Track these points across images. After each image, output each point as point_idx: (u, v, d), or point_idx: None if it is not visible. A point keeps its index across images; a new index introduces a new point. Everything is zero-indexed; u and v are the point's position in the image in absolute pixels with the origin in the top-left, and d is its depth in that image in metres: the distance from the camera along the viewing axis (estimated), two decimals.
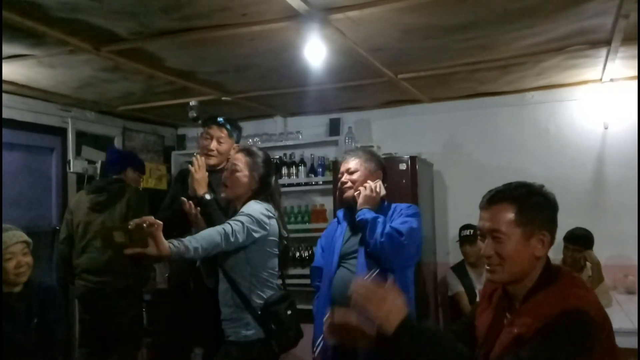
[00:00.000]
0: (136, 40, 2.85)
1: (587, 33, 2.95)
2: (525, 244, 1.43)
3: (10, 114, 3.89)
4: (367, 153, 2.57)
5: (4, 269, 2.43)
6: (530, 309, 1.41)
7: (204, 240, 2.08)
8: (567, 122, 4.22)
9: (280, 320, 2.29)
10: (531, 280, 1.45)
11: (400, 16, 2.59)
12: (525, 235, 1.43)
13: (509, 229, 1.43)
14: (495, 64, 3.46)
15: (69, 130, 4.37)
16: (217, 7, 2.44)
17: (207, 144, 2.81)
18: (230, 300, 2.32)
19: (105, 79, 3.58)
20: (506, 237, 1.43)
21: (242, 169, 2.40)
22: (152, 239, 1.86)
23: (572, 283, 1.45)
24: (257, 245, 2.30)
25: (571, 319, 1.32)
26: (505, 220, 1.44)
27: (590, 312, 1.35)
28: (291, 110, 4.82)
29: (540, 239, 1.44)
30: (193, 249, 2.01)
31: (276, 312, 2.29)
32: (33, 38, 2.77)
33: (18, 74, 3.45)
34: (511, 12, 2.59)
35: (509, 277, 1.46)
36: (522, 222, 1.43)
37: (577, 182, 4.11)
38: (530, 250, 1.44)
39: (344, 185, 2.49)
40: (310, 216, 4.60)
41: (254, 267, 2.31)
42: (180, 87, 3.80)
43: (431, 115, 4.57)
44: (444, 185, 4.55)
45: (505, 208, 1.45)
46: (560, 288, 1.41)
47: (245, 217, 2.24)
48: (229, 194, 2.43)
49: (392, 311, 1.36)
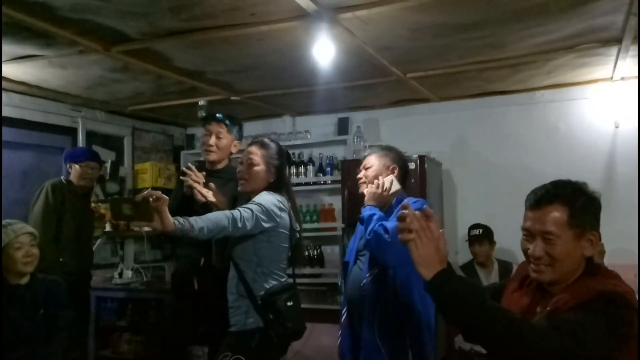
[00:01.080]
0: (145, 40, 2.87)
1: (597, 31, 2.93)
2: (576, 244, 1.42)
3: (21, 114, 3.93)
4: (384, 149, 2.59)
5: (13, 258, 2.52)
6: (569, 290, 1.40)
7: (210, 221, 2.07)
8: (577, 121, 4.19)
9: (278, 311, 2.26)
10: (573, 277, 1.45)
11: (409, 15, 2.59)
12: (576, 236, 1.42)
13: (561, 230, 1.42)
14: (504, 62, 3.44)
15: (79, 130, 4.41)
16: (226, 7, 2.45)
17: (207, 140, 2.82)
18: (234, 288, 2.32)
19: (115, 79, 3.60)
20: (558, 239, 1.42)
21: (259, 162, 2.38)
22: (157, 213, 1.87)
23: (614, 276, 1.45)
24: (266, 236, 2.29)
25: (611, 299, 1.32)
26: (557, 221, 1.42)
27: (630, 298, 1.35)
28: (300, 110, 4.82)
29: (590, 239, 1.44)
30: (198, 228, 2.00)
31: (275, 302, 2.27)
32: (44, 39, 2.79)
33: (29, 75, 3.48)
34: (521, 10, 2.57)
35: (559, 277, 1.45)
36: (574, 223, 1.42)
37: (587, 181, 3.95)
38: (580, 250, 1.43)
39: (359, 181, 2.52)
40: (319, 215, 4.60)
41: (260, 257, 2.30)
42: (189, 86, 3.82)
43: (440, 115, 4.55)
44: (453, 185, 4.53)
45: (556, 209, 1.43)
46: (599, 278, 1.41)
47: (256, 205, 2.23)
48: (246, 187, 2.42)
49: (431, 259, 1.31)
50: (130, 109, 4.50)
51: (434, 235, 1.34)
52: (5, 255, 2.51)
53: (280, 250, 2.37)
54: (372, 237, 2.25)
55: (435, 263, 1.32)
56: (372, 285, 2.32)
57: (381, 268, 2.32)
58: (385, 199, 2.41)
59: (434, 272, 1.30)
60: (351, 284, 2.44)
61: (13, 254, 2.52)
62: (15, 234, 2.54)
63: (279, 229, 2.32)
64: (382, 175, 2.44)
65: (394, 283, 2.30)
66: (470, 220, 4.06)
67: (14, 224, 2.60)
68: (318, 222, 4.59)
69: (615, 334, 1.29)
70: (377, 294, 2.30)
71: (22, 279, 2.57)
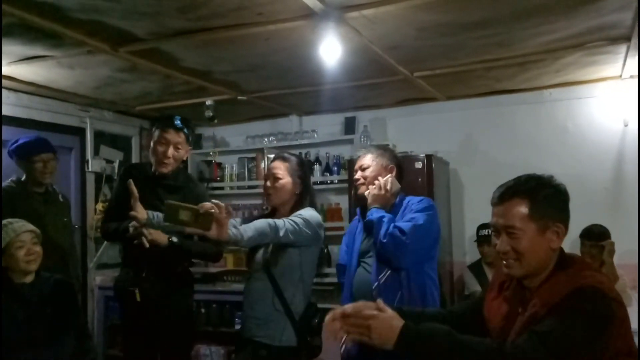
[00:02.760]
0: (153, 41, 2.88)
1: (606, 29, 2.90)
2: (540, 237, 1.44)
3: (29, 114, 3.96)
4: (380, 148, 2.56)
5: (15, 257, 2.49)
6: (544, 290, 1.41)
7: (257, 230, 2.09)
8: (586, 119, 4.16)
9: (314, 332, 2.34)
10: (546, 270, 1.46)
11: (416, 14, 2.58)
12: (540, 229, 1.44)
13: (523, 224, 1.44)
14: (512, 61, 3.42)
15: (88, 130, 4.43)
16: (233, 7, 2.45)
17: (163, 150, 2.58)
18: (270, 303, 2.33)
19: (123, 79, 3.62)
20: (522, 233, 1.44)
21: (284, 176, 2.42)
22: (217, 223, 1.86)
23: (586, 267, 1.47)
24: (310, 251, 2.36)
25: (585, 295, 1.33)
26: (519, 215, 1.44)
27: (605, 290, 1.35)
28: (306, 109, 4.82)
29: (555, 231, 1.45)
30: (247, 237, 2.04)
31: (311, 323, 2.34)
32: (53, 39, 2.81)
33: (38, 75, 3.51)
34: (529, 8, 2.56)
35: (527, 271, 1.46)
36: (536, 216, 1.44)
37: (596, 180, 4.06)
38: (546, 243, 1.44)
39: (357, 182, 2.49)
40: (326, 215, 4.60)
41: (304, 272, 2.37)
42: (196, 86, 3.83)
43: (447, 114, 4.54)
44: (460, 184, 4.51)
45: (517, 203, 1.45)
46: (574, 271, 1.42)
47: (302, 220, 2.28)
48: (275, 202, 2.45)
49: (382, 334, 1.37)
50: (138, 109, 4.52)
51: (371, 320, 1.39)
52: (8, 255, 2.49)
53: (315, 266, 2.47)
54: (389, 240, 2.23)
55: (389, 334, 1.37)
56: (386, 286, 2.28)
57: (393, 269, 2.30)
58: (388, 199, 2.40)
59: (392, 342, 1.36)
60: (359, 288, 2.38)
61: (15, 252, 2.49)
62: (16, 233, 2.51)
63: (318, 245, 2.42)
64: (382, 175, 2.43)
65: (409, 283, 2.28)
66: (477, 219, 4.04)
67: (14, 223, 2.57)
68: (325, 221, 4.57)
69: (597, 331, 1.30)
70: (392, 294, 2.26)
71: (27, 277, 2.55)
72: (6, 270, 2.51)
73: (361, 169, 2.49)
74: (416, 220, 2.27)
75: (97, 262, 4.43)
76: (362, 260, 2.42)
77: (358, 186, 2.49)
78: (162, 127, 2.60)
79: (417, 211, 2.32)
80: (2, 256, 2.49)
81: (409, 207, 2.39)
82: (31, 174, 3.20)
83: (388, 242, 2.23)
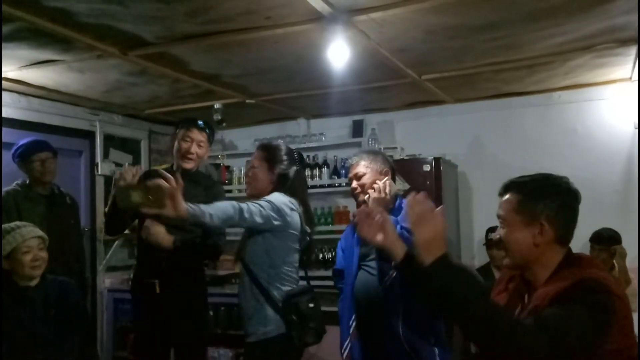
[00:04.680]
0: (162, 45, 2.90)
1: (616, 31, 2.89)
2: (524, 230, 1.47)
3: (40, 118, 4.00)
4: (371, 154, 2.56)
5: (21, 262, 2.50)
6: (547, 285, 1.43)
7: (219, 209, 2.08)
8: (595, 122, 4.14)
9: (301, 313, 2.27)
10: (547, 270, 1.47)
11: (424, 16, 2.58)
12: (524, 222, 1.47)
13: (509, 215, 1.50)
14: (521, 63, 3.41)
15: (97, 134, 4.46)
16: (242, 11, 2.46)
17: (188, 147, 2.74)
18: (250, 294, 2.32)
19: (132, 82, 3.65)
20: (507, 223, 1.51)
21: (259, 165, 2.43)
22: (170, 199, 1.86)
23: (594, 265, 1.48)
24: (276, 236, 2.30)
25: (588, 286, 1.33)
26: (508, 207, 1.51)
27: (609, 283, 1.35)
28: (314, 112, 4.83)
29: (539, 227, 1.46)
30: (208, 214, 2.01)
31: (297, 304, 2.28)
32: (63, 44, 2.84)
33: (48, 79, 3.54)
34: (537, 10, 2.55)
35: (513, 262, 1.52)
36: (522, 210, 1.48)
37: (606, 183, 4.02)
38: (529, 237, 1.47)
39: (355, 191, 2.49)
40: (334, 218, 4.60)
41: (273, 259, 2.30)
42: (204, 90, 3.85)
43: (455, 116, 4.52)
44: (469, 187, 4.50)
45: (510, 196, 1.52)
46: (579, 269, 1.43)
47: (265, 202, 2.25)
48: (252, 191, 2.45)
49: (433, 243, 1.36)
50: (147, 112, 4.55)
51: (436, 219, 1.39)
52: (13, 259, 2.50)
53: (291, 252, 2.37)
54: None
55: (437, 248, 1.35)
56: (392, 290, 2.28)
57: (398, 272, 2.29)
58: (388, 202, 2.40)
59: (434, 256, 1.34)
60: (362, 292, 2.37)
61: (21, 257, 2.49)
62: (23, 238, 2.52)
63: (290, 230, 2.32)
64: (378, 180, 2.42)
65: None
66: (486, 223, 4.02)
67: (22, 228, 2.57)
68: (333, 224, 4.58)
69: (598, 323, 1.30)
70: (399, 297, 2.26)
71: (32, 281, 2.56)
72: (12, 274, 2.52)
73: (356, 177, 2.48)
74: None
75: (107, 265, 4.45)
76: (363, 264, 2.41)
77: (356, 195, 2.49)
78: (186, 127, 2.78)
79: None
80: (8, 260, 2.50)
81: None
82: (31, 174, 3.25)
83: None
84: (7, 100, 3.75)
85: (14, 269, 2.51)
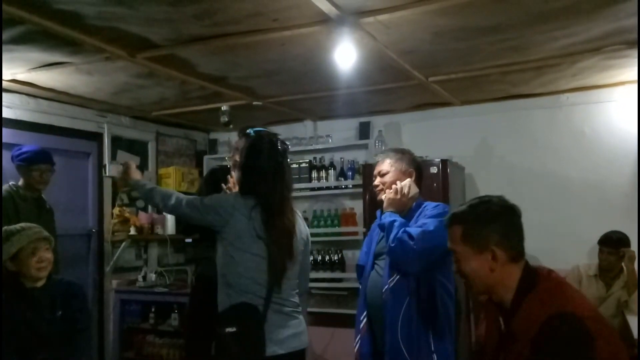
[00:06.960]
0: (170, 47, 2.91)
1: (624, 33, 2.87)
2: (478, 259, 1.48)
3: (48, 120, 4.03)
4: (398, 153, 2.55)
5: (27, 263, 2.52)
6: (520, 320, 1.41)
7: (161, 189, 2.29)
8: (603, 124, 4.11)
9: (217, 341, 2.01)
10: (509, 290, 1.46)
11: (431, 18, 2.58)
12: (474, 251, 1.48)
13: (459, 247, 1.51)
14: (528, 65, 3.40)
15: (105, 135, 4.49)
16: (249, 13, 2.47)
17: None
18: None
19: (140, 85, 3.67)
20: (459, 256, 1.51)
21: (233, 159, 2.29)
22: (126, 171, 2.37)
23: (554, 285, 1.45)
24: (221, 240, 2.07)
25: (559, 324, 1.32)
26: (454, 239, 1.52)
27: (577, 313, 1.34)
28: (321, 114, 4.83)
29: (491, 253, 1.47)
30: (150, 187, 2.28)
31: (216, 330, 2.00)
32: (72, 46, 2.86)
33: (57, 81, 3.56)
34: (545, 12, 2.54)
35: (479, 290, 1.52)
36: (469, 240, 1.49)
37: (615, 185, 4.00)
38: (484, 265, 1.47)
39: (376, 188, 2.50)
40: (340, 220, 4.60)
41: (220, 265, 2.08)
42: (212, 92, 3.86)
43: (462, 118, 4.51)
44: (476, 189, 4.47)
45: (455, 228, 1.53)
46: (544, 294, 1.42)
47: (204, 197, 2.13)
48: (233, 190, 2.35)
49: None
50: (155, 114, 4.57)
51: None
52: (19, 260, 2.51)
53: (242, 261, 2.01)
54: (397, 244, 2.23)
55: None
56: (395, 291, 2.29)
57: (402, 274, 2.29)
58: (405, 204, 2.39)
59: None
60: (371, 290, 2.40)
61: (26, 259, 2.50)
62: (29, 239, 2.52)
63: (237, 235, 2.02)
64: (400, 180, 2.42)
65: (417, 288, 2.27)
66: None
67: (27, 229, 2.57)
68: (339, 226, 4.59)
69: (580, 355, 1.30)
70: (400, 299, 2.27)
71: (38, 282, 2.57)
72: (18, 275, 2.53)
73: (380, 174, 2.49)
74: (427, 226, 2.24)
75: (114, 266, 4.48)
76: (376, 262, 2.44)
77: (377, 192, 2.49)
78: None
79: (430, 217, 2.31)
80: (14, 261, 2.51)
81: (424, 212, 2.37)
82: (28, 180, 3.37)
83: (396, 246, 2.24)
84: (16, 102, 3.78)
85: (20, 269, 2.52)
